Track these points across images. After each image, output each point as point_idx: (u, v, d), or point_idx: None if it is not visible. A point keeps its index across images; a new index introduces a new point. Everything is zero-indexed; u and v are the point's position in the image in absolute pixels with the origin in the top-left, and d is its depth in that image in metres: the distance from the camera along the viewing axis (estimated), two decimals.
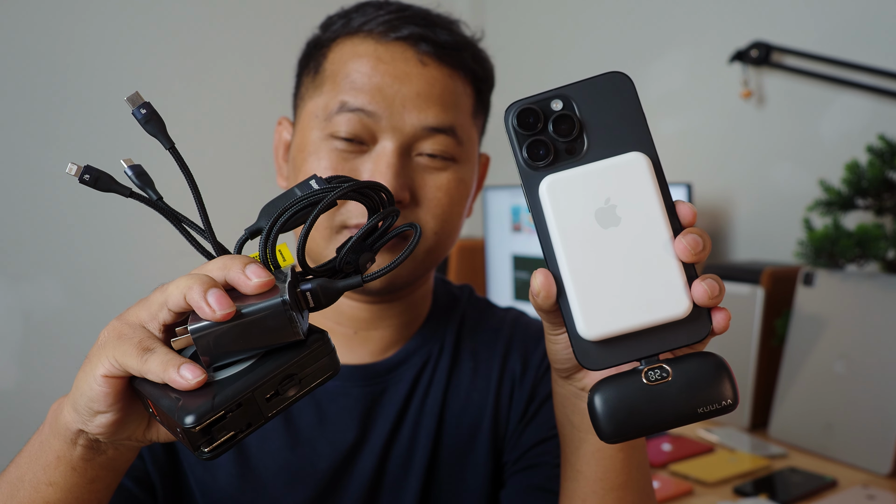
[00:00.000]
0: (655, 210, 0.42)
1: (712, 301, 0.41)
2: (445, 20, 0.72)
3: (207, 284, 0.41)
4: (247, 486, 0.69)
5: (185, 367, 0.41)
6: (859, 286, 1.24)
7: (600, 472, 0.55)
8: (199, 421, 0.40)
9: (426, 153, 0.68)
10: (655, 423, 0.41)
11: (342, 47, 0.70)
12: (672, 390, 0.41)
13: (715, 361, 0.41)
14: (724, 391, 0.41)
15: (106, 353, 0.44)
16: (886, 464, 1.13)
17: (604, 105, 0.43)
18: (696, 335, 0.42)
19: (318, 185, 0.46)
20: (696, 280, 0.42)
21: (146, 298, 0.46)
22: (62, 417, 0.47)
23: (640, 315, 0.41)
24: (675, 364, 0.42)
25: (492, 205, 1.99)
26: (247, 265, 0.43)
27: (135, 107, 0.45)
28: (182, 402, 0.41)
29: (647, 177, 0.42)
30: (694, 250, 0.41)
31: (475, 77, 0.73)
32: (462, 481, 0.74)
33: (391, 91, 0.66)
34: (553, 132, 0.43)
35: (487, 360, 0.77)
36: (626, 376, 0.42)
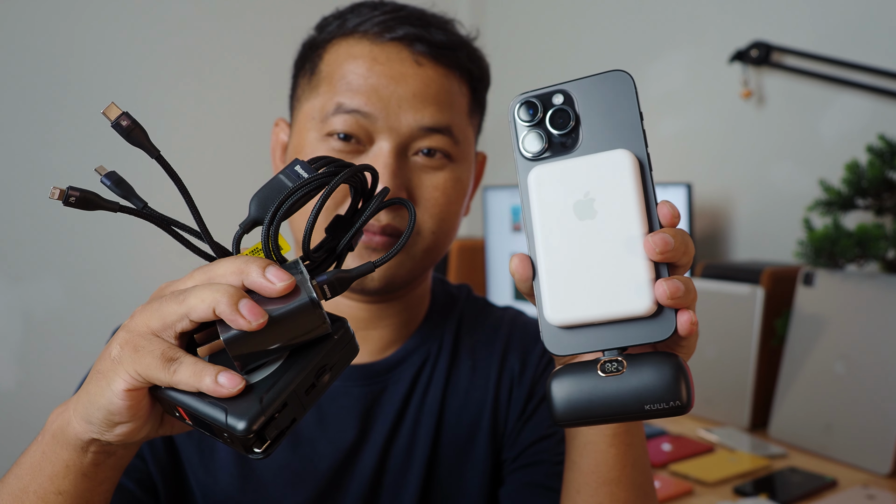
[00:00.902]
0: (632, 206, 0.42)
1: (674, 301, 0.41)
2: (440, 20, 0.72)
3: (236, 296, 0.41)
4: (248, 487, 0.69)
5: (223, 376, 0.42)
6: (859, 286, 1.24)
7: (592, 464, 0.56)
8: (252, 426, 0.41)
9: (423, 153, 0.69)
10: (603, 413, 0.42)
11: (338, 48, 0.70)
12: (623, 384, 0.42)
13: (672, 362, 0.41)
14: (674, 391, 0.41)
15: (124, 366, 0.43)
16: (886, 464, 1.13)
17: (603, 102, 0.44)
18: (659, 334, 0.42)
19: (304, 171, 0.45)
20: (659, 279, 0.42)
21: (155, 306, 0.44)
22: (71, 429, 0.47)
23: (604, 307, 0.42)
24: (633, 359, 0.42)
25: (492, 205, 1.99)
26: (266, 269, 0.42)
27: (113, 119, 0.43)
28: (228, 409, 0.41)
29: (628, 174, 0.43)
30: (660, 249, 0.41)
31: (471, 76, 0.73)
32: (462, 479, 0.74)
33: (387, 92, 0.67)
34: (550, 125, 0.45)
35: (486, 358, 0.77)
36: (584, 365, 0.43)
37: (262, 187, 0.46)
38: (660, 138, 1.86)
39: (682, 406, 0.41)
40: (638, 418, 0.42)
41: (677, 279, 0.41)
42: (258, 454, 0.43)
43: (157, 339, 0.43)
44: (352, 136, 0.67)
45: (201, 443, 0.70)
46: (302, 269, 0.45)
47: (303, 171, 0.45)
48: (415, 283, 0.74)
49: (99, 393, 0.44)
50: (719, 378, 1.42)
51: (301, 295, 0.43)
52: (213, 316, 0.41)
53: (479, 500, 0.74)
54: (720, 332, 1.42)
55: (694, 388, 0.42)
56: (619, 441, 0.55)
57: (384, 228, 0.67)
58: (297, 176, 0.45)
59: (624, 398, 0.42)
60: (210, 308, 0.41)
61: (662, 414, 0.41)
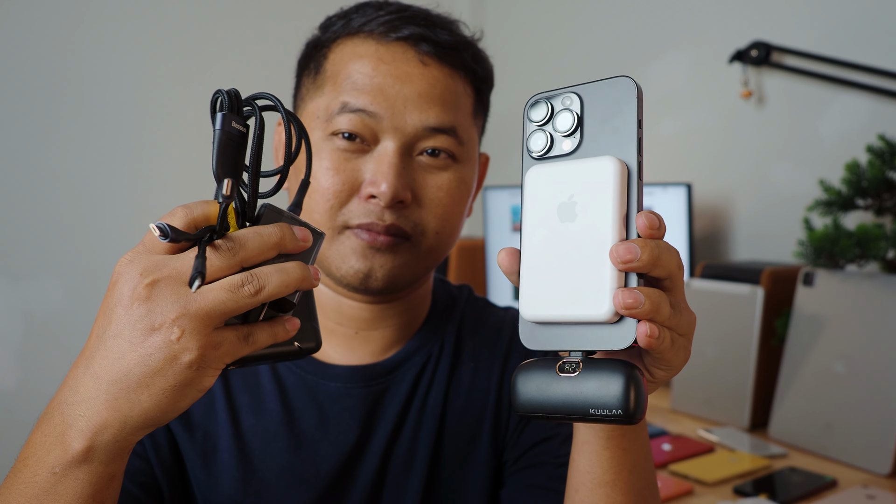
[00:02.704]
0: (608, 214, 0.43)
1: (629, 312, 0.41)
2: (445, 20, 0.72)
3: (306, 269, 0.47)
4: (250, 490, 0.69)
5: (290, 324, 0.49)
6: (859, 286, 1.24)
7: (587, 464, 0.56)
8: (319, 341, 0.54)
9: (427, 153, 0.69)
10: (552, 410, 0.44)
11: (343, 48, 0.70)
12: (574, 386, 0.43)
13: (624, 371, 0.42)
14: (620, 400, 0.41)
15: (213, 365, 0.45)
16: (886, 464, 1.13)
17: (606, 107, 0.45)
18: (619, 342, 0.42)
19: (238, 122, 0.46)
20: (619, 288, 0.42)
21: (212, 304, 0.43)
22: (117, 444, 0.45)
23: (568, 308, 0.44)
24: (590, 364, 0.43)
25: (492, 205, 1.99)
26: (292, 232, 0.47)
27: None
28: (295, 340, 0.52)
29: (610, 181, 0.43)
30: (622, 259, 0.41)
31: (475, 77, 0.73)
32: (463, 481, 0.74)
33: (392, 91, 0.67)
34: (555, 126, 0.46)
35: (488, 359, 0.77)
36: (546, 362, 0.45)
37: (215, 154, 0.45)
38: (660, 138, 1.86)
39: (627, 416, 0.41)
40: (582, 421, 0.43)
41: (638, 290, 0.41)
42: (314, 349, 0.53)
43: (223, 329, 0.45)
44: (356, 135, 0.67)
45: (204, 445, 0.70)
46: (289, 213, 0.50)
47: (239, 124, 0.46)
48: (417, 283, 0.74)
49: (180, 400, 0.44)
50: (719, 378, 1.42)
51: (319, 236, 0.50)
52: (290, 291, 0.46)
53: (480, 500, 0.74)
54: (720, 332, 1.42)
55: (645, 400, 0.42)
56: (613, 444, 0.54)
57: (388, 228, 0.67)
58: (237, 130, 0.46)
59: (572, 399, 0.43)
60: (294, 287, 0.46)
61: (606, 420, 0.42)
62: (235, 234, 0.45)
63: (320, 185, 0.67)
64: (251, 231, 0.46)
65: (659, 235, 0.43)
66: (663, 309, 0.42)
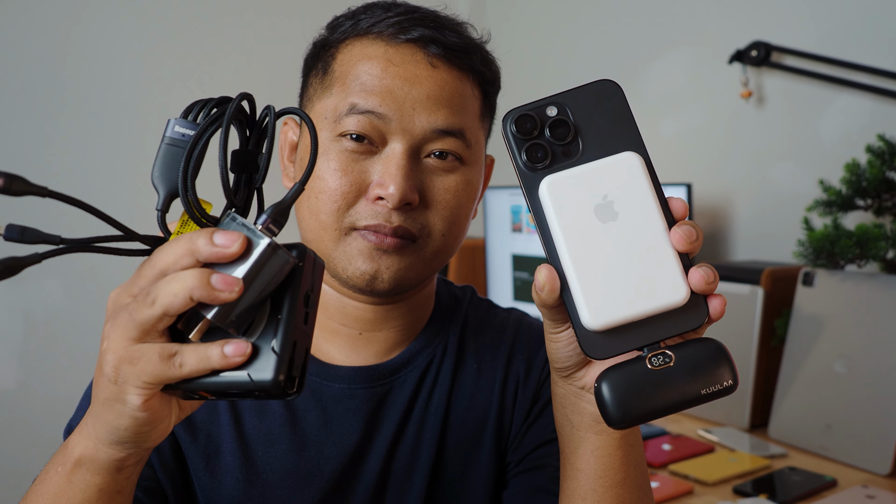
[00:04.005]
0: (651, 204, 0.44)
1: (709, 287, 0.43)
2: (454, 22, 0.72)
3: (204, 276, 0.41)
4: (253, 491, 0.69)
5: (228, 347, 0.43)
6: (859, 286, 1.24)
7: (599, 469, 0.56)
8: (279, 375, 0.43)
9: (435, 155, 0.69)
10: (661, 406, 0.43)
11: (351, 48, 0.70)
12: (675, 374, 0.43)
13: (714, 345, 0.44)
14: (725, 373, 0.43)
15: (131, 382, 0.43)
16: (886, 464, 1.13)
17: (596, 110, 0.46)
18: (695, 321, 0.44)
19: (187, 127, 0.45)
20: (692, 268, 0.44)
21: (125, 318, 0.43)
22: (102, 455, 0.47)
23: (642, 303, 0.43)
24: (677, 349, 0.44)
25: (492, 205, 1.99)
26: (212, 236, 0.42)
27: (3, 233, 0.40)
28: (249, 371, 0.43)
29: (640, 174, 0.45)
30: (689, 240, 0.43)
31: (483, 79, 0.73)
32: (466, 482, 0.74)
33: (401, 93, 0.66)
34: (549, 136, 0.46)
35: (491, 361, 0.77)
36: (631, 363, 0.44)
37: (155, 162, 0.45)
38: (660, 138, 1.86)
39: (734, 384, 0.43)
40: (696, 404, 0.43)
41: (706, 266, 0.44)
42: (294, 394, 0.44)
43: (146, 345, 0.43)
44: (365, 136, 0.67)
45: (207, 447, 0.70)
46: (241, 220, 0.44)
47: (185, 128, 0.45)
48: (421, 285, 0.74)
49: (118, 416, 0.44)
50: None
51: (257, 244, 0.42)
52: (191, 304, 0.42)
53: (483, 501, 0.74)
54: (720, 333, 1.42)
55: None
56: (624, 443, 0.55)
57: (395, 230, 0.66)
58: (182, 136, 0.45)
59: (680, 387, 0.43)
60: (186, 298, 0.41)
61: (716, 396, 0.43)
62: (162, 245, 0.44)
63: (328, 185, 0.67)
64: (172, 240, 0.44)
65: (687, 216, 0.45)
66: (717, 283, 0.44)
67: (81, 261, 1.81)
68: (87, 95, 1.82)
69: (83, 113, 1.81)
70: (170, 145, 0.45)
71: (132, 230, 0.45)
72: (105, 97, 1.84)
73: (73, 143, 1.80)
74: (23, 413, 1.70)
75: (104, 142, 1.84)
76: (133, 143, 1.87)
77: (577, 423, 0.55)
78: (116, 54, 1.85)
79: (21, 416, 1.70)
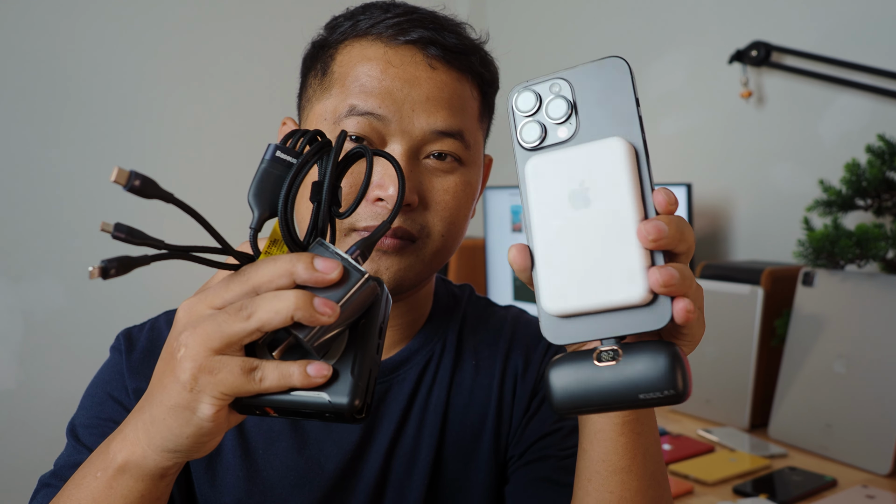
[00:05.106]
0: (626, 195, 0.42)
1: (668, 289, 0.40)
2: (453, 23, 0.72)
3: (307, 298, 0.43)
4: (254, 489, 0.69)
5: (312, 368, 0.44)
6: (859, 286, 1.24)
7: (602, 453, 0.57)
8: (355, 400, 0.45)
9: (434, 156, 0.69)
10: (599, 402, 0.42)
11: (350, 50, 0.70)
12: (618, 373, 0.41)
13: (667, 351, 0.41)
14: (669, 380, 0.40)
15: (208, 392, 0.44)
16: (886, 464, 1.13)
17: (599, 90, 0.44)
18: (655, 323, 0.41)
19: (288, 154, 0.47)
20: (653, 266, 0.41)
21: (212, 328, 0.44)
22: (150, 462, 0.47)
23: (599, 296, 0.42)
24: (629, 348, 0.42)
25: (492, 205, 1.99)
26: (312, 261, 0.44)
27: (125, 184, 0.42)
28: (327, 392, 0.45)
29: (622, 162, 0.42)
30: (653, 236, 0.40)
31: (482, 80, 0.73)
32: (466, 478, 0.74)
33: (401, 95, 0.66)
34: (548, 115, 0.45)
35: (489, 357, 0.78)
36: (581, 355, 0.43)
37: (253, 183, 0.46)
38: (660, 138, 1.86)
39: (678, 395, 0.40)
40: (633, 407, 0.42)
41: (672, 266, 0.41)
42: (362, 419, 0.46)
43: (226, 356, 0.44)
44: (364, 138, 0.67)
45: None
46: (332, 248, 0.47)
47: (287, 155, 0.47)
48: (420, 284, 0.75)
49: (184, 424, 0.45)
50: (719, 378, 1.42)
51: (353, 274, 0.45)
52: (288, 323, 0.43)
53: (484, 498, 0.75)
54: (720, 332, 1.42)
55: (691, 376, 0.42)
56: (628, 430, 0.55)
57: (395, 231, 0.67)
58: (282, 161, 0.47)
59: (619, 387, 0.41)
60: (287, 317, 0.43)
61: (658, 402, 0.41)
62: (255, 262, 0.45)
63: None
64: (269, 258, 0.45)
65: (675, 211, 0.42)
66: (692, 283, 0.41)
67: (81, 261, 1.81)
68: (86, 95, 1.82)
69: (83, 113, 1.81)
70: (269, 169, 0.46)
71: (229, 245, 0.46)
72: (105, 97, 1.84)
73: (73, 144, 1.80)
74: (23, 413, 1.70)
75: (104, 142, 1.84)
76: (133, 142, 1.88)
77: None
78: (116, 54, 1.85)
79: (21, 416, 1.70)
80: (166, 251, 0.43)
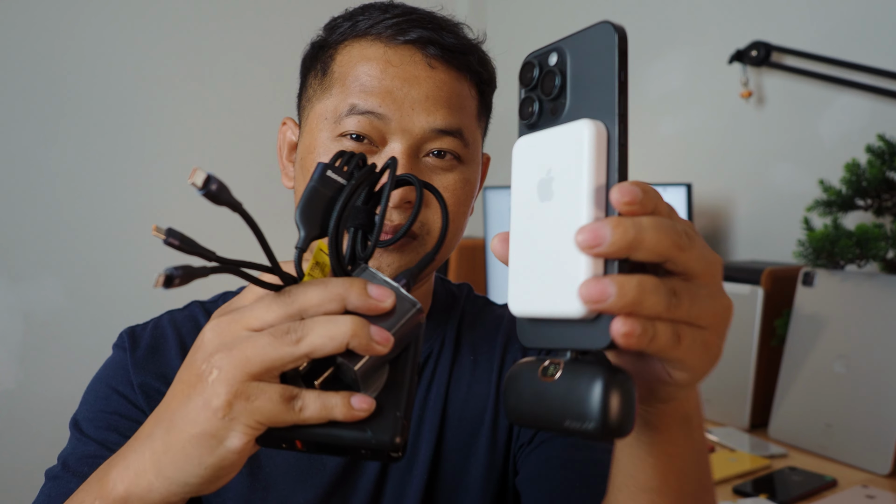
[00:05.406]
0: (582, 188, 0.36)
1: (596, 306, 0.34)
2: (451, 23, 0.74)
3: (363, 326, 0.41)
4: (257, 486, 0.70)
5: (356, 400, 0.42)
6: (859, 286, 1.24)
7: (629, 468, 0.52)
8: (398, 437, 0.42)
9: (433, 154, 0.70)
10: (535, 419, 0.38)
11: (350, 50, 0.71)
12: (552, 392, 0.37)
13: (603, 376, 0.35)
14: (592, 412, 0.35)
15: (242, 420, 0.41)
16: (886, 464, 1.13)
17: (589, 62, 0.38)
18: (596, 342, 0.35)
19: (338, 175, 0.45)
20: (588, 278, 0.35)
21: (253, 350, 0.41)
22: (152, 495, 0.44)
23: (546, 304, 0.37)
24: (570, 367, 0.37)
25: (492, 205, 1.99)
26: (366, 287, 0.42)
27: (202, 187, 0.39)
28: (370, 428, 0.42)
29: (585, 150, 0.36)
30: (589, 242, 0.34)
31: (480, 80, 0.74)
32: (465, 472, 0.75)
33: (401, 94, 0.68)
34: (542, 90, 0.40)
35: (488, 352, 0.79)
36: (533, 364, 0.39)
37: (301, 201, 0.44)
38: (660, 138, 1.86)
39: (601, 430, 0.35)
40: (561, 433, 0.38)
41: (608, 279, 0.34)
42: (398, 457, 0.43)
43: (264, 383, 0.41)
44: (364, 136, 0.68)
45: None
46: (381, 276, 0.44)
47: (337, 175, 0.45)
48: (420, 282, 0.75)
49: (207, 453, 0.41)
50: (719, 378, 1.42)
51: (403, 303, 0.43)
52: (341, 350, 0.41)
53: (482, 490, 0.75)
54: None
55: (631, 412, 0.35)
56: (658, 450, 0.48)
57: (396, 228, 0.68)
58: (332, 181, 0.45)
59: (548, 408, 0.37)
60: (342, 344, 0.40)
61: (580, 434, 0.36)
62: (301, 283, 0.43)
63: None
64: (317, 280, 0.42)
65: (642, 211, 0.35)
66: (649, 299, 0.34)
67: (81, 261, 1.81)
68: (86, 95, 1.82)
69: (83, 112, 1.81)
70: (318, 188, 0.45)
71: (279, 264, 0.43)
72: (104, 97, 1.84)
73: (73, 143, 1.80)
74: (23, 413, 1.70)
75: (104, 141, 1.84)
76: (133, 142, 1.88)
77: None
78: (116, 54, 1.85)
79: (21, 416, 1.70)
80: (217, 265, 0.40)
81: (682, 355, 0.37)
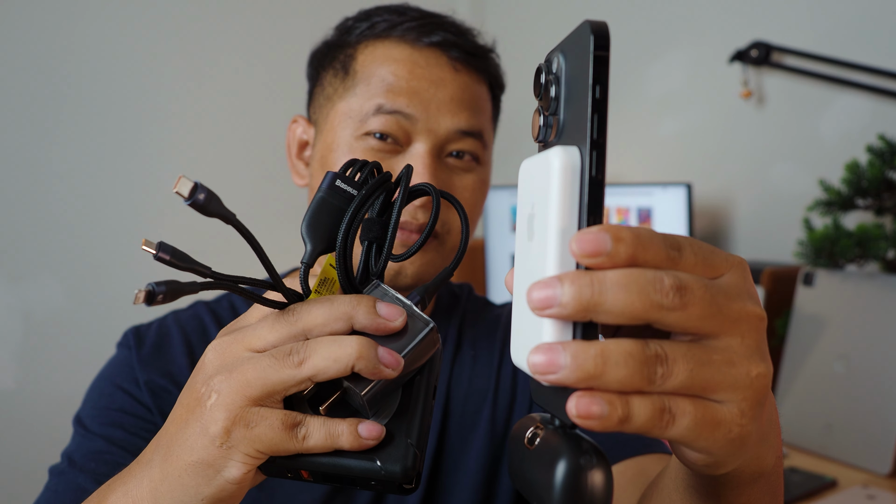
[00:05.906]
0: (551, 233, 0.30)
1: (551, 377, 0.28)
2: (469, 28, 0.76)
3: (371, 347, 0.38)
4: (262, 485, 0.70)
5: (363, 428, 0.39)
6: (859, 286, 1.24)
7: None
8: (411, 467, 0.39)
9: (453, 155, 0.72)
10: (518, 483, 0.35)
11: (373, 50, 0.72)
12: (529, 462, 0.33)
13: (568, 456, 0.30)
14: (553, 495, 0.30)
15: (241, 448, 0.38)
16: (886, 464, 1.13)
17: (577, 71, 0.31)
18: (564, 413, 0.29)
19: (348, 185, 0.42)
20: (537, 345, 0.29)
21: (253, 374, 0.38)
22: None
23: (523, 362, 0.31)
24: (548, 438, 0.32)
25: (492, 205, 1.99)
26: (375, 306, 0.39)
27: (188, 197, 0.35)
28: (378, 457, 0.39)
29: (553, 186, 0.30)
30: (538, 303, 0.29)
31: (495, 83, 0.77)
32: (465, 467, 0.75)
33: (427, 95, 0.69)
34: (542, 101, 0.34)
35: (487, 348, 0.80)
36: (528, 422, 0.35)
37: (308, 213, 0.41)
38: (659, 138, 1.86)
39: None
40: None
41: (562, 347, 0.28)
42: (411, 489, 0.40)
43: (265, 408, 0.38)
44: (389, 135, 0.69)
45: None
46: (393, 293, 0.41)
47: (347, 185, 0.42)
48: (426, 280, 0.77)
49: (204, 484, 0.39)
50: None
51: (416, 322, 0.40)
52: (346, 373, 0.38)
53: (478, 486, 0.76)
54: None
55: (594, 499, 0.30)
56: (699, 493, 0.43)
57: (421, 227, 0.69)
58: (343, 192, 0.42)
59: (524, 477, 0.33)
60: (347, 366, 0.37)
61: None
62: (306, 301, 0.40)
63: None
64: (323, 298, 0.40)
65: (611, 263, 0.28)
66: (613, 373, 0.28)
67: (81, 261, 1.81)
68: (86, 94, 1.82)
69: (83, 112, 1.81)
70: (326, 198, 0.41)
71: (281, 280, 0.40)
72: (105, 96, 1.84)
73: (73, 143, 1.80)
74: (23, 413, 1.70)
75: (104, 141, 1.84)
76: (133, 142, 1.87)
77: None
78: (116, 53, 1.85)
79: (21, 416, 1.70)
80: (212, 280, 0.38)
81: (681, 435, 0.29)
